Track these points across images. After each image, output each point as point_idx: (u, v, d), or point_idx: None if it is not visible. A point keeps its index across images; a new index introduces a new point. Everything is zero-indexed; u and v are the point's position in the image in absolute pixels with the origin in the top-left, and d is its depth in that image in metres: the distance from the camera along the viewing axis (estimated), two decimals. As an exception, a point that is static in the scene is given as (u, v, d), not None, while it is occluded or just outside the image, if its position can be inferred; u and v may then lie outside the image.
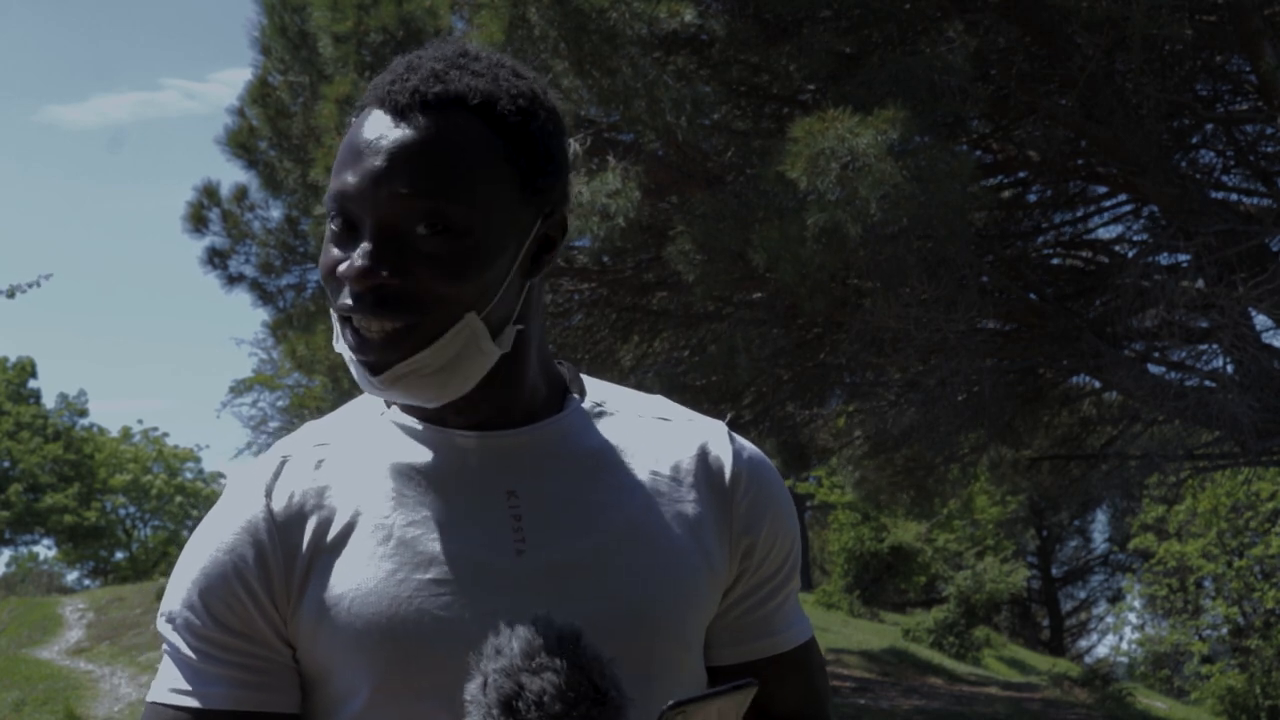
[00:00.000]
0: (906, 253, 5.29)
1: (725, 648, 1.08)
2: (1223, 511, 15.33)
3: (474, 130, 0.96)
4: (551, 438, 1.03)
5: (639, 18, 4.67)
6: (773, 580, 1.08)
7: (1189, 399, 5.97)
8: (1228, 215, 5.93)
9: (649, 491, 1.03)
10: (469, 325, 0.96)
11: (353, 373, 0.99)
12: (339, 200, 0.96)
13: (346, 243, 0.96)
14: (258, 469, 1.03)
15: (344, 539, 0.99)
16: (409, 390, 0.96)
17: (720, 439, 1.09)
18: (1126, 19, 5.07)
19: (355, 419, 1.07)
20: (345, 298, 0.95)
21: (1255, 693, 15.16)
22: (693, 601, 1.02)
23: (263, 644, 0.98)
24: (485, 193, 0.96)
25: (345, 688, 0.98)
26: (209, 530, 1.01)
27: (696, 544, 1.03)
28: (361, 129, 0.98)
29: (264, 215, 8.13)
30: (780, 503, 1.10)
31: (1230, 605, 16.42)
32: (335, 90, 5.34)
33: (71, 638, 15.83)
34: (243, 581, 0.97)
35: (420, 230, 0.93)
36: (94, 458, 32.01)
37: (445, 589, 0.96)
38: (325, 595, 0.97)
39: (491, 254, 0.96)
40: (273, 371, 17.83)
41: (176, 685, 0.99)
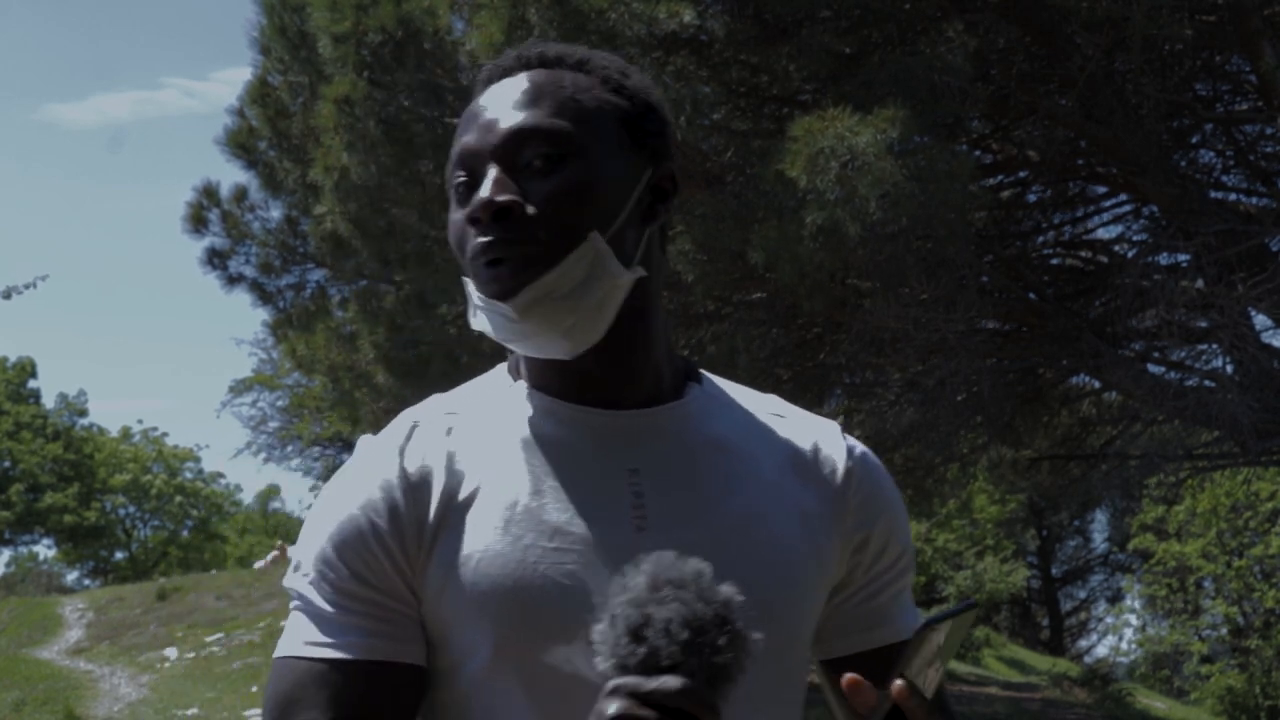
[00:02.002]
0: (906, 252, 5.29)
1: (836, 639, 1.10)
2: (1222, 511, 15.32)
3: (576, 78, 1.03)
4: (675, 421, 1.05)
5: (638, 18, 4.67)
6: (887, 574, 1.11)
7: (1189, 399, 5.97)
8: (1228, 215, 5.92)
9: (764, 482, 1.05)
10: (594, 245, 0.99)
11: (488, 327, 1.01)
12: (461, 158, 1.02)
13: (469, 201, 1.00)
14: (389, 433, 1.06)
15: (471, 503, 1.01)
16: (543, 319, 0.98)
17: (834, 436, 1.11)
18: (1126, 19, 5.06)
19: (484, 391, 1.10)
20: (478, 238, 0.99)
21: (1255, 693, 15.16)
22: (801, 592, 1.04)
23: (395, 597, 1.01)
24: (594, 126, 1.01)
25: (467, 646, 1.00)
26: (342, 488, 1.04)
27: (808, 537, 1.05)
28: (473, 105, 1.04)
29: (264, 215, 8.14)
30: (893, 501, 1.12)
31: (1230, 605, 16.42)
32: (334, 90, 5.34)
33: (71, 637, 15.82)
34: (377, 536, 1.00)
35: (537, 162, 0.99)
36: (94, 458, 32.03)
37: (568, 558, 0.99)
38: (453, 554, 1.00)
39: (606, 182, 1.00)
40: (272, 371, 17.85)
41: (311, 638, 1.00)
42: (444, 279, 6.11)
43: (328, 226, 6.41)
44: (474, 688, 1.01)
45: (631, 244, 1.02)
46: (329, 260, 7.31)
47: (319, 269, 8.07)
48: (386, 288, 7.30)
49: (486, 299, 0.99)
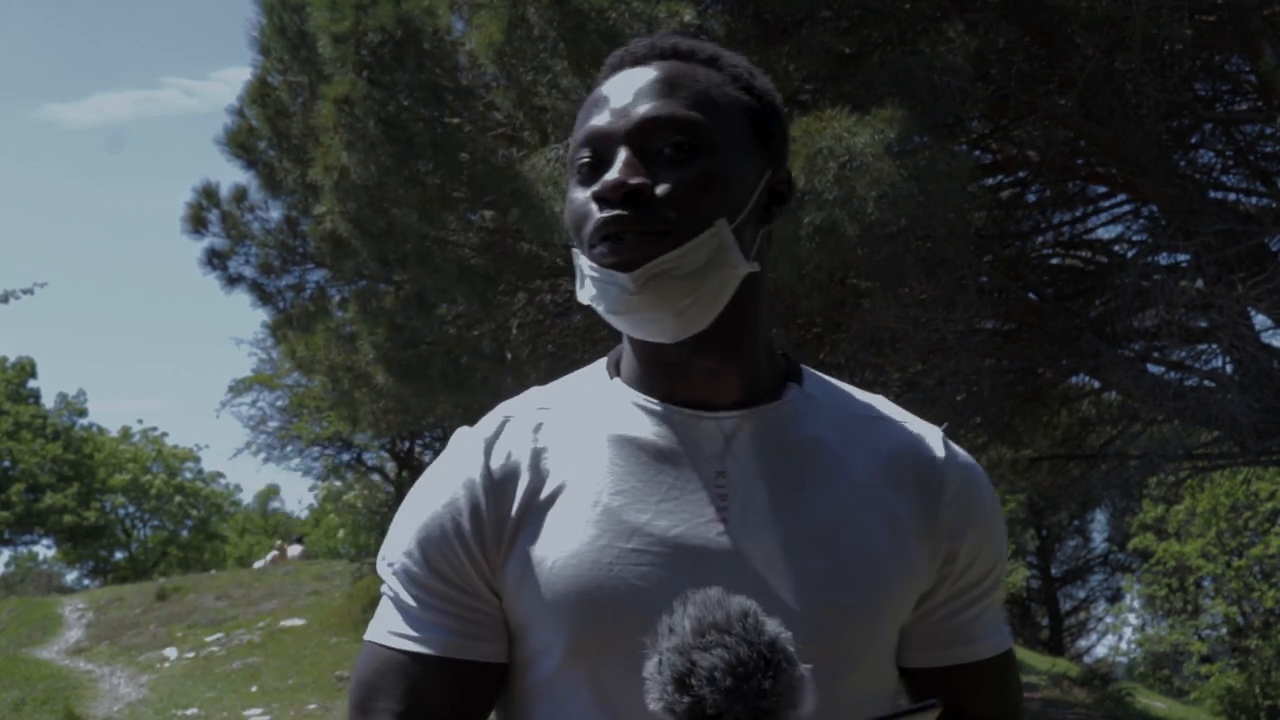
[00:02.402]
0: (905, 252, 5.29)
1: (920, 651, 1.09)
2: (1222, 511, 15.32)
3: (708, 73, 1.04)
4: (768, 423, 1.05)
5: (638, 18, 4.66)
6: (973, 589, 1.08)
7: (1188, 399, 5.97)
8: (1227, 215, 5.92)
9: (856, 487, 1.04)
10: (719, 232, 0.99)
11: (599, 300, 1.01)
12: (589, 139, 1.01)
13: (594, 181, 1.00)
14: (481, 427, 1.08)
15: (553, 501, 1.03)
16: (658, 296, 0.98)
17: (934, 443, 1.09)
18: (1126, 19, 5.06)
19: (580, 386, 1.11)
20: (601, 214, 0.98)
21: (1254, 693, 15.15)
22: (886, 600, 1.02)
23: (476, 595, 1.03)
24: (724, 120, 1.02)
25: (541, 645, 1.02)
26: (431, 483, 1.07)
27: (897, 544, 1.03)
28: (602, 87, 1.04)
29: (263, 216, 8.13)
30: (988, 514, 1.09)
31: (1229, 605, 16.41)
32: (334, 90, 5.33)
33: (71, 637, 15.82)
34: (459, 535, 1.03)
35: (668, 150, 0.99)
36: (93, 457, 32.02)
37: (645, 560, 0.99)
38: (531, 553, 1.01)
39: (734, 176, 1.01)
40: (272, 371, 17.83)
41: (395, 628, 1.04)
42: (444, 279, 6.11)
43: (327, 226, 6.40)
44: (546, 684, 1.02)
45: (749, 241, 1.03)
46: (329, 260, 7.30)
47: (319, 269, 8.06)
48: (386, 288, 7.30)
49: (604, 268, 0.99)
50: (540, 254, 6.46)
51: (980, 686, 1.10)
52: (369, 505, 18.19)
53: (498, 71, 5.19)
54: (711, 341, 1.02)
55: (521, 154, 5.47)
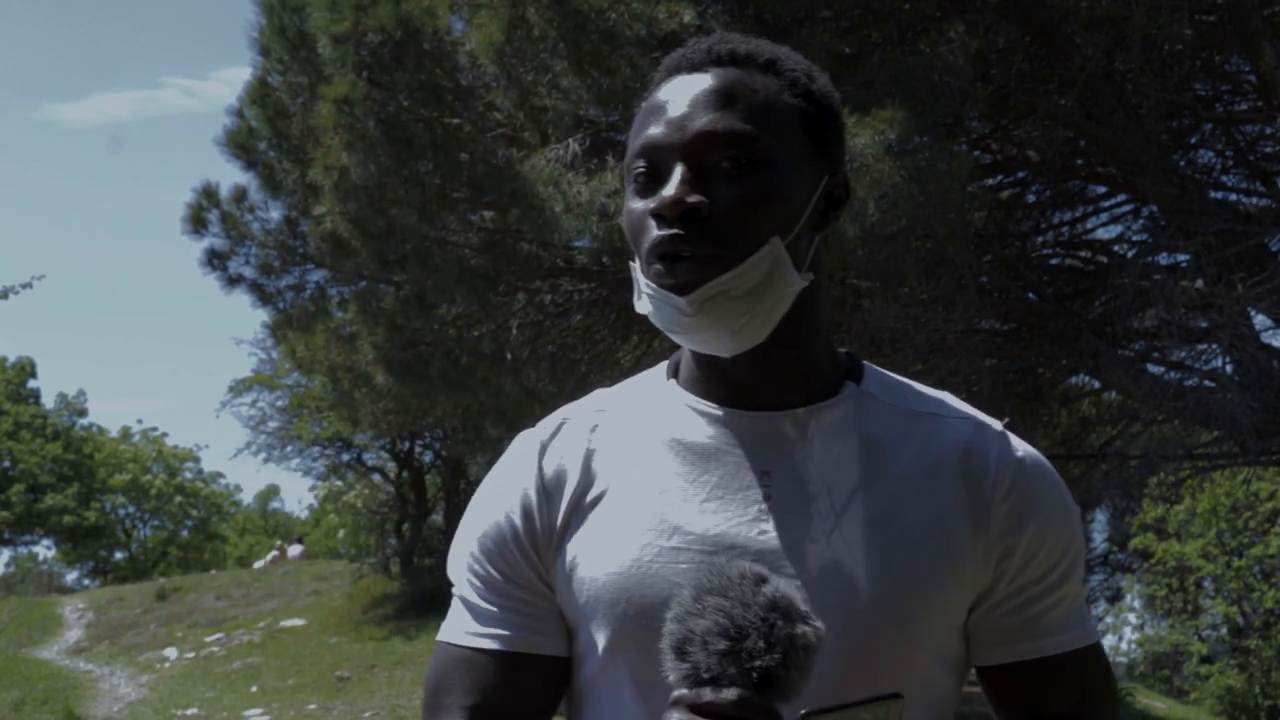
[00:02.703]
0: (905, 252, 5.29)
1: (989, 648, 1.08)
2: (1222, 511, 15.31)
3: (765, 81, 1.03)
4: (819, 422, 1.05)
5: (638, 18, 4.66)
6: (1037, 585, 1.06)
7: (1188, 399, 5.97)
8: (1227, 215, 5.92)
9: (903, 486, 1.04)
10: (773, 251, 1.00)
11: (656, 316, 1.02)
12: (646, 150, 1.02)
13: (650, 193, 1.01)
14: (539, 430, 1.12)
15: (598, 502, 1.06)
16: (715, 317, 0.99)
17: (990, 439, 1.08)
18: (1126, 19, 5.06)
19: (638, 388, 1.13)
20: (658, 231, 0.99)
21: (1255, 693, 15.15)
22: (929, 601, 1.02)
23: (535, 593, 1.08)
24: (781, 132, 1.02)
25: (587, 642, 1.06)
26: (490, 486, 1.12)
27: (944, 544, 1.03)
28: (659, 93, 1.04)
29: (263, 216, 8.13)
30: (1051, 507, 1.07)
31: (1230, 605, 16.40)
32: (333, 91, 5.33)
33: (71, 638, 15.82)
34: (515, 538, 1.08)
35: (725, 164, 0.99)
36: (93, 458, 32.01)
37: (685, 558, 1.01)
38: (576, 552, 1.05)
39: (790, 189, 1.01)
40: (272, 371, 17.82)
41: (463, 626, 1.09)
42: (444, 279, 6.11)
43: (327, 227, 6.40)
44: (593, 680, 1.06)
45: (804, 250, 1.04)
46: (329, 261, 7.30)
47: (319, 269, 8.06)
48: (386, 288, 7.30)
49: (661, 290, 1.00)
50: (540, 254, 6.46)
51: (1056, 682, 1.08)
52: (369, 505, 18.19)
53: (498, 71, 5.19)
54: (767, 348, 1.03)
55: (521, 154, 5.47)
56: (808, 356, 1.06)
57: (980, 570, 1.04)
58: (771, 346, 1.03)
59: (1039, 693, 1.08)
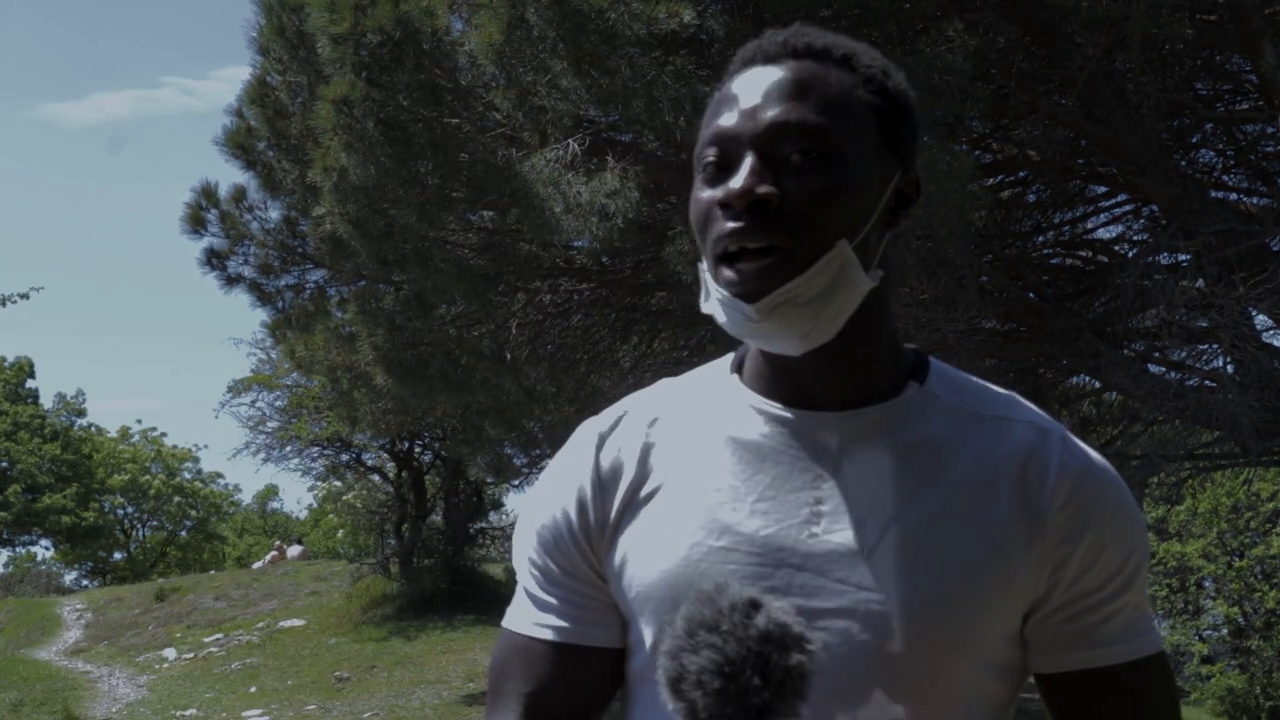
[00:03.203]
0: (905, 252, 5.28)
1: (1044, 656, 1.06)
2: (1223, 512, 15.31)
3: (840, 74, 1.02)
4: (875, 424, 1.04)
5: (638, 18, 4.65)
6: (1095, 594, 1.04)
7: (1189, 399, 5.96)
8: (1228, 215, 5.91)
9: (958, 492, 1.02)
10: (841, 253, 0.98)
11: (723, 318, 1.01)
12: (716, 139, 1.00)
13: (719, 183, 1.00)
14: (599, 420, 1.12)
15: (653, 497, 1.06)
16: (783, 323, 0.98)
17: (1051, 445, 1.05)
18: (1127, 18, 5.06)
19: (703, 381, 1.12)
20: (725, 223, 0.98)
21: (1256, 693, 15.15)
22: (976, 609, 1.00)
23: (591, 585, 1.09)
24: (854, 127, 1.00)
25: (635, 638, 1.07)
26: (549, 476, 1.13)
27: (996, 551, 1.00)
28: (733, 84, 1.04)
29: (262, 216, 8.12)
30: (1111, 515, 1.04)
31: (1231, 606, 16.40)
32: (332, 91, 5.32)
33: (70, 638, 15.81)
34: (569, 530, 1.09)
35: (796, 157, 0.98)
36: (92, 458, 32.00)
37: (733, 559, 1.01)
38: (629, 548, 1.06)
39: (860, 185, 0.99)
40: (271, 372, 17.81)
41: (524, 615, 1.11)
42: (443, 279, 6.10)
43: (327, 227, 6.39)
44: (640, 675, 1.06)
45: (873, 248, 1.02)
46: (328, 261, 7.29)
47: (318, 269, 8.05)
48: (385, 288, 7.29)
49: (730, 297, 0.99)
50: (540, 254, 6.45)
51: (1113, 693, 1.06)
52: (368, 506, 18.16)
53: (497, 71, 5.18)
54: (832, 347, 1.02)
55: (521, 154, 5.46)
56: (873, 355, 1.05)
57: (1034, 579, 1.02)
58: (837, 345, 1.02)
59: (1095, 703, 1.06)
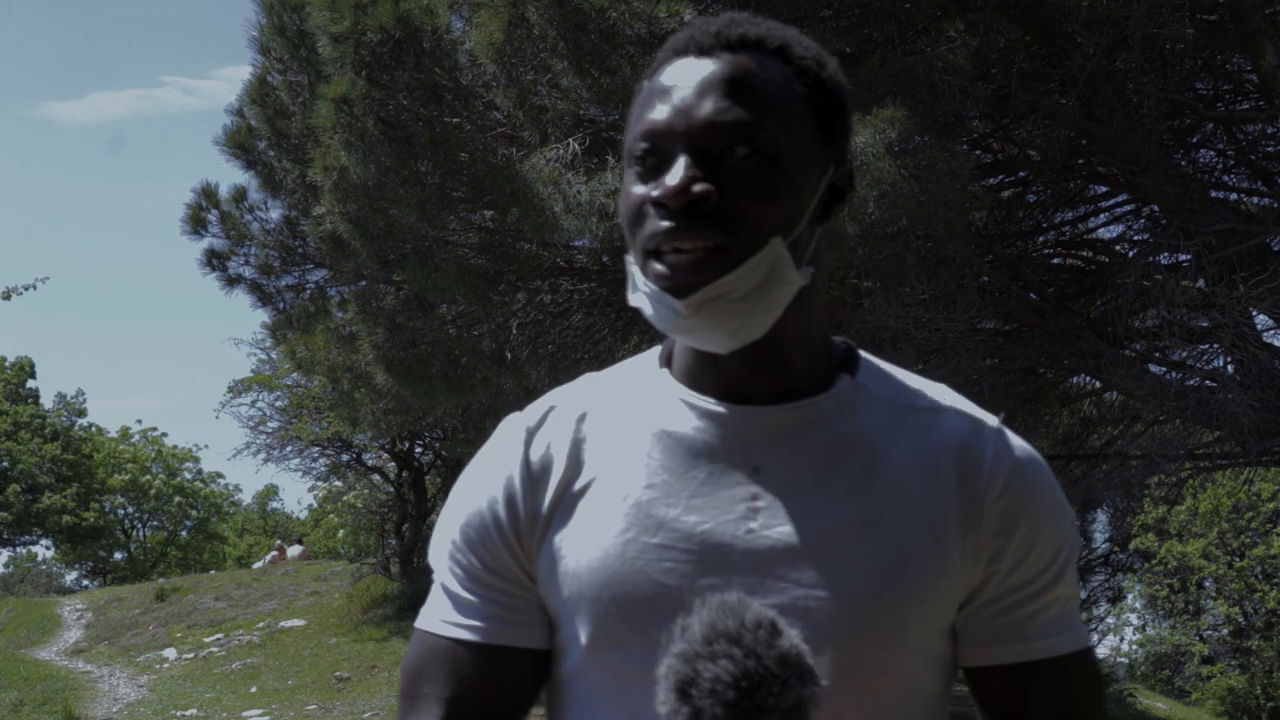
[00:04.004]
0: (906, 252, 5.28)
1: (974, 649, 1.05)
2: (1224, 512, 15.30)
3: (775, 68, 1.00)
4: (808, 418, 1.02)
5: (638, 17, 4.65)
6: (1027, 587, 1.03)
7: (1189, 399, 5.95)
8: (1229, 215, 5.91)
9: (894, 483, 1.01)
10: (774, 251, 0.97)
11: (652, 313, 0.99)
12: (649, 134, 0.98)
13: (652, 179, 0.98)
14: (526, 415, 1.09)
15: (585, 493, 1.03)
16: (712, 319, 0.96)
17: (985, 436, 1.04)
18: (1127, 18, 5.05)
19: (630, 374, 1.10)
20: (659, 222, 0.96)
21: (1256, 693, 15.14)
22: (916, 600, 0.99)
23: (517, 583, 1.05)
24: (790, 122, 0.99)
25: (568, 636, 1.03)
26: (474, 472, 1.09)
27: (934, 542, 1.00)
28: (662, 76, 1.01)
29: (263, 216, 8.12)
30: (1044, 508, 1.04)
31: (1231, 606, 16.39)
32: (333, 90, 5.32)
33: (70, 638, 15.81)
34: (496, 525, 1.05)
35: (730, 155, 0.96)
36: (92, 458, 31.99)
37: (669, 555, 0.98)
38: (560, 545, 1.02)
39: (796, 182, 0.98)
40: (271, 372, 17.80)
41: (442, 615, 1.06)
42: (443, 279, 6.10)
43: (327, 227, 6.39)
44: (573, 676, 1.03)
45: (805, 244, 1.01)
46: (328, 261, 7.29)
47: (318, 269, 8.05)
48: (386, 288, 7.29)
49: (658, 291, 0.97)
50: (540, 254, 6.45)
51: (1042, 687, 1.05)
52: (369, 506, 18.15)
53: (497, 71, 5.18)
54: (762, 343, 1.01)
55: (521, 154, 5.46)
56: (803, 350, 1.04)
57: (970, 570, 1.02)
58: (768, 340, 1.00)
59: (1025, 697, 1.06)
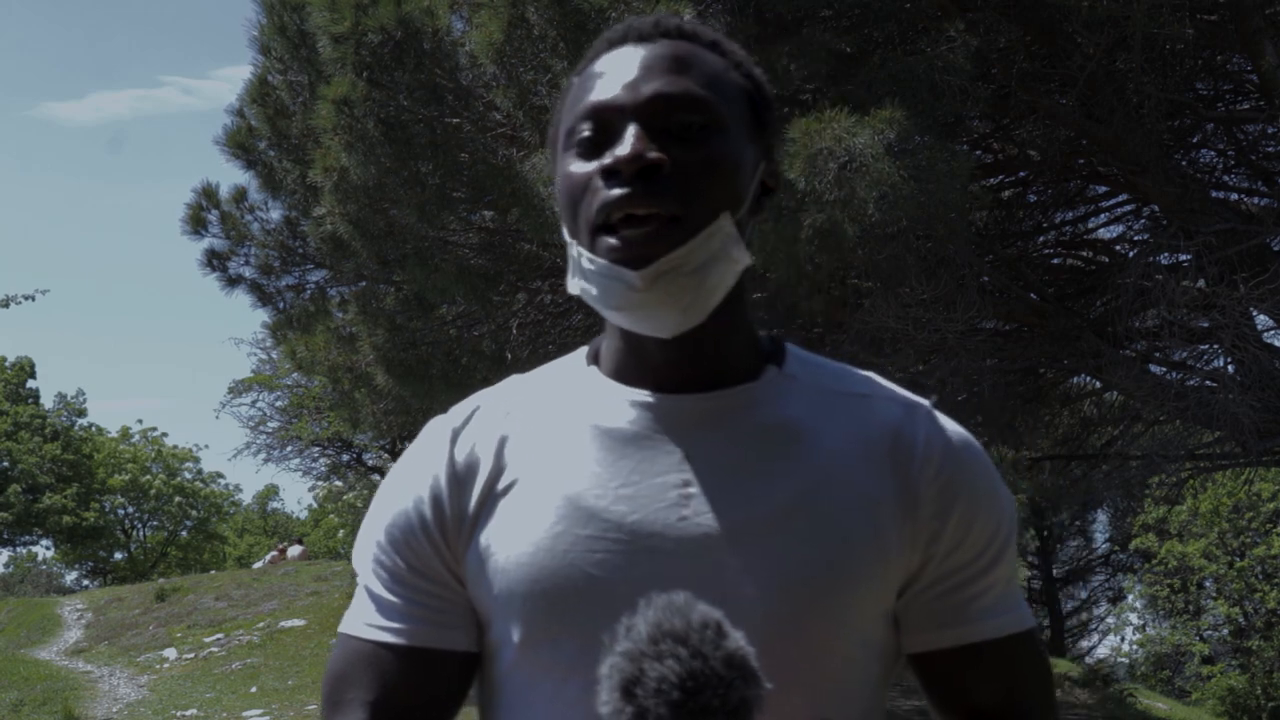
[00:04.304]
0: (906, 252, 5.27)
1: (917, 634, 1.05)
2: (1224, 512, 15.31)
3: (713, 56, 1.01)
4: (738, 405, 1.02)
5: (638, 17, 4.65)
6: (967, 568, 1.03)
7: (1190, 399, 5.95)
8: (1229, 215, 5.91)
9: (827, 468, 1.00)
10: (724, 226, 0.97)
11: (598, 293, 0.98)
12: (593, 113, 0.98)
13: (596, 156, 0.97)
14: (451, 416, 1.08)
15: (512, 489, 1.02)
16: (665, 293, 0.95)
17: (917, 419, 1.04)
18: (1127, 18, 5.05)
19: (557, 373, 1.09)
20: (610, 192, 0.95)
21: (1256, 693, 15.15)
22: (853, 584, 0.98)
23: (444, 585, 1.03)
24: (732, 105, 1.00)
25: (501, 635, 1.01)
26: (399, 474, 1.08)
27: (870, 526, 0.99)
28: (599, 63, 1.01)
29: (263, 216, 8.12)
30: (980, 489, 1.04)
31: (1231, 606, 16.39)
32: (333, 91, 5.32)
33: (70, 638, 15.81)
34: (424, 527, 1.03)
35: (680, 128, 0.96)
36: (93, 458, 31.99)
37: (599, 547, 0.97)
38: (488, 543, 1.01)
39: (740, 162, 0.99)
40: (272, 372, 17.81)
41: (366, 619, 1.04)
42: (444, 279, 6.10)
43: (327, 227, 6.39)
44: (507, 675, 1.01)
45: (744, 229, 1.01)
46: (329, 261, 7.29)
47: (319, 270, 8.06)
48: (386, 288, 7.29)
49: (611, 265, 0.95)
50: (540, 254, 6.45)
51: (985, 670, 1.05)
52: (369, 506, 18.13)
53: (498, 71, 5.18)
54: (697, 329, 1.00)
55: (521, 154, 5.46)
56: (733, 340, 1.03)
57: (908, 554, 1.01)
58: (703, 330, 1.00)
59: (970, 681, 1.05)
